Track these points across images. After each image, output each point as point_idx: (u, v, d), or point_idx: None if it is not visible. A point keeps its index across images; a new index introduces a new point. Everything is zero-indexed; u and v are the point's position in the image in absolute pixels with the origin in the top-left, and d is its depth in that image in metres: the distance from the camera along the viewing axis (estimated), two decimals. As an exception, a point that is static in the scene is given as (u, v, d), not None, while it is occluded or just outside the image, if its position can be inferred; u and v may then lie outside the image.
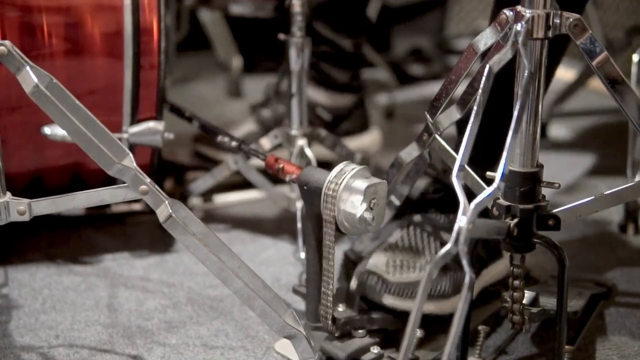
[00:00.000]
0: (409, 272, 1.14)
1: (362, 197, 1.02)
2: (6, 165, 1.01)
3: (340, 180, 1.03)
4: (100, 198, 1.00)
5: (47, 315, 1.20)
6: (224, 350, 1.13)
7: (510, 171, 0.97)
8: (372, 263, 1.16)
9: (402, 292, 1.12)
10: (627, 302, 1.25)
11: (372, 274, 1.14)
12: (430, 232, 1.20)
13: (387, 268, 1.15)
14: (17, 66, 0.94)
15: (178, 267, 1.35)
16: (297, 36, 1.39)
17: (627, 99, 0.96)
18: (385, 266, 1.15)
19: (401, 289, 1.12)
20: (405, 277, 1.13)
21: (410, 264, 1.16)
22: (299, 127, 1.42)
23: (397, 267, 1.15)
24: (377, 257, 1.17)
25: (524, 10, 0.93)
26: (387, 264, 1.15)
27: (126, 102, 1.28)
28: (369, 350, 1.08)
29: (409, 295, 1.12)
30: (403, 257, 1.17)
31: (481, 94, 0.92)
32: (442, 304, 1.14)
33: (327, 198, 1.03)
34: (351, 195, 1.02)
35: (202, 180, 1.52)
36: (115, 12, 1.26)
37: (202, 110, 1.48)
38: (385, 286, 1.13)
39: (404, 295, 1.12)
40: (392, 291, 1.12)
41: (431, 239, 1.20)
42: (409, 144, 1.12)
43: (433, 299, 1.13)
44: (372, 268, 1.15)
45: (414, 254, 1.17)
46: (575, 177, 1.76)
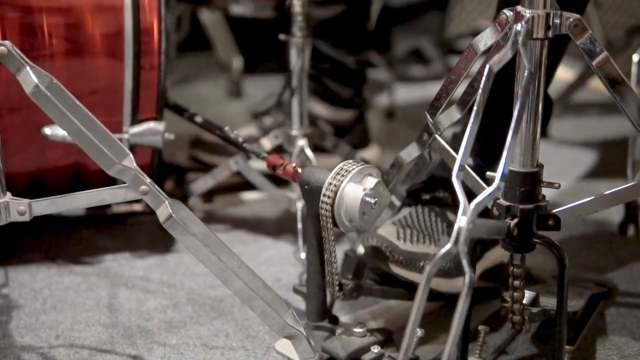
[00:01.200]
0: (418, 245, 1.14)
1: (363, 195, 1.02)
2: (6, 165, 1.01)
3: (340, 181, 1.03)
4: (100, 198, 1.00)
5: (47, 316, 1.20)
6: (224, 351, 1.13)
7: (511, 171, 0.97)
8: (381, 231, 1.16)
9: (410, 263, 1.12)
10: (627, 302, 1.25)
11: (381, 239, 1.14)
12: (438, 212, 1.20)
13: (396, 237, 1.14)
14: (17, 66, 0.94)
15: (178, 267, 1.35)
16: (298, 36, 1.39)
17: (627, 99, 0.96)
18: (396, 236, 1.15)
19: (409, 259, 1.12)
20: (414, 248, 1.13)
21: (419, 238, 1.15)
22: (300, 128, 1.43)
23: (407, 238, 1.15)
24: (386, 227, 1.17)
25: (524, 10, 0.93)
26: (396, 233, 1.15)
27: (126, 103, 1.28)
28: (369, 350, 1.08)
29: (415, 267, 1.12)
30: (412, 229, 1.17)
31: (481, 94, 0.92)
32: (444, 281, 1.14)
33: (329, 192, 1.03)
34: (352, 192, 1.02)
35: (202, 180, 1.52)
36: (116, 13, 1.26)
37: (202, 111, 1.48)
38: (393, 253, 1.12)
39: (411, 265, 1.12)
40: (401, 260, 1.12)
41: (439, 219, 1.20)
42: (409, 144, 1.12)
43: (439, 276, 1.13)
44: (382, 234, 1.15)
45: (423, 230, 1.17)
46: (576, 177, 1.76)
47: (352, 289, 1.08)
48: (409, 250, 1.13)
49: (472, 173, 1.02)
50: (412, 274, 1.12)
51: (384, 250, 1.13)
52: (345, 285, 1.07)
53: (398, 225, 1.18)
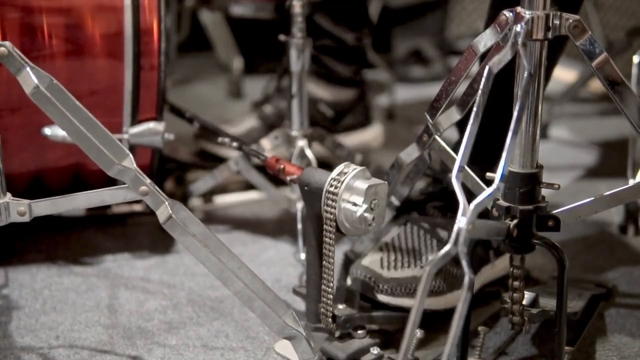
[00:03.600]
0: (403, 270, 1.15)
1: (362, 198, 1.02)
2: (7, 166, 1.01)
3: (341, 181, 1.03)
4: (100, 199, 1.00)
5: (47, 316, 1.20)
6: (224, 351, 1.13)
7: (510, 172, 0.97)
8: (367, 261, 1.17)
9: (395, 289, 1.13)
10: (627, 303, 1.25)
11: (366, 271, 1.15)
12: (427, 230, 1.21)
13: (380, 265, 1.15)
14: (17, 67, 0.94)
15: (178, 268, 1.35)
16: (298, 37, 1.39)
17: (626, 100, 0.96)
18: (380, 263, 1.15)
19: (394, 286, 1.13)
20: (399, 274, 1.14)
21: (404, 262, 1.16)
22: (300, 128, 1.42)
23: (391, 265, 1.15)
24: (372, 255, 1.18)
25: (523, 11, 0.93)
26: (380, 261, 1.16)
27: (126, 103, 1.28)
28: (369, 351, 1.08)
29: (402, 292, 1.13)
30: (397, 254, 1.17)
31: (481, 94, 0.92)
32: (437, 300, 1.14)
33: (328, 199, 1.03)
34: (352, 196, 1.03)
35: (202, 181, 1.52)
36: (116, 13, 1.26)
37: (202, 111, 1.48)
38: (378, 283, 1.13)
39: (397, 292, 1.13)
40: (385, 288, 1.13)
41: (427, 237, 1.20)
42: (409, 145, 1.12)
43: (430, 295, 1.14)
44: (367, 265, 1.16)
45: (409, 251, 1.18)
46: (575, 178, 1.76)
47: (345, 320, 1.08)
48: (393, 278, 1.14)
49: (472, 174, 1.02)
50: (400, 300, 1.13)
51: (369, 281, 1.14)
52: (339, 318, 1.08)
53: (384, 251, 1.18)
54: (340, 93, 1.69)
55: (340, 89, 1.70)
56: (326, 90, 1.68)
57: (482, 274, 1.21)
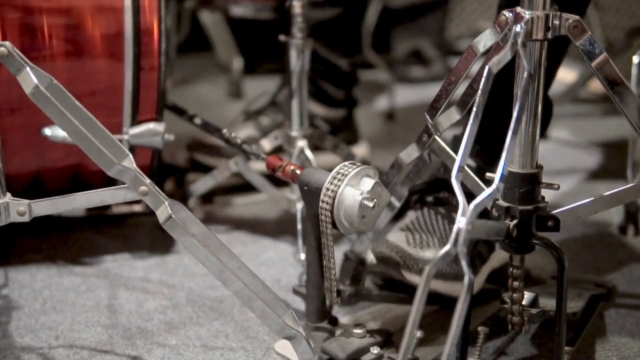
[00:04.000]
0: (430, 249, 1.14)
1: (361, 199, 1.02)
2: (7, 166, 1.01)
3: (341, 180, 1.03)
4: (100, 199, 1.00)
5: (47, 316, 1.20)
6: (224, 351, 1.13)
7: (510, 172, 0.97)
8: (391, 238, 1.15)
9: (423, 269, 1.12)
10: (626, 304, 1.25)
11: (393, 246, 1.13)
12: (444, 214, 1.20)
13: (407, 243, 1.14)
14: (17, 67, 0.94)
15: (178, 268, 1.35)
16: (298, 37, 1.40)
17: (626, 101, 0.96)
18: (406, 242, 1.15)
19: (422, 266, 1.12)
20: (425, 253, 1.13)
21: (429, 242, 1.15)
22: (299, 129, 1.43)
23: (417, 244, 1.14)
24: (396, 234, 1.17)
25: (523, 12, 0.93)
26: (407, 240, 1.15)
27: (126, 104, 1.28)
28: (368, 351, 1.08)
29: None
30: (422, 234, 1.16)
31: (480, 95, 0.92)
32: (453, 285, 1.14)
33: (327, 198, 1.03)
34: (350, 196, 1.03)
35: (202, 181, 1.52)
36: (116, 14, 1.26)
37: (202, 112, 1.48)
38: (406, 260, 1.12)
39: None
40: (414, 266, 1.12)
41: (445, 220, 1.20)
42: (409, 145, 1.12)
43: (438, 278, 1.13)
44: (392, 241, 1.14)
45: (433, 233, 1.17)
46: (575, 178, 1.76)
47: (350, 294, 1.07)
48: (421, 257, 1.13)
49: (472, 174, 1.02)
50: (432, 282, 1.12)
51: (395, 258, 1.13)
52: (344, 292, 1.07)
53: (407, 231, 1.17)
54: (330, 112, 1.72)
55: (330, 109, 1.72)
56: (318, 107, 1.70)
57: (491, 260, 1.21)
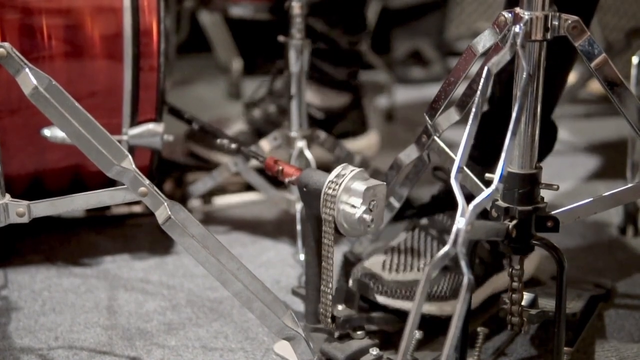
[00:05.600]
0: (405, 273, 1.15)
1: (361, 199, 1.02)
2: (6, 167, 1.01)
3: (340, 182, 1.03)
4: (99, 200, 1.00)
5: (46, 317, 1.20)
6: (223, 352, 1.13)
7: (509, 173, 0.97)
8: (369, 262, 1.17)
9: (395, 292, 1.13)
10: (626, 304, 1.25)
11: (367, 272, 1.15)
12: (435, 236, 1.20)
13: (382, 268, 1.15)
14: (16, 68, 0.94)
15: (178, 269, 1.35)
16: (297, 38, 1.40)
17: (626, 101, 0.96)
18: (382, 266, 1.15)
19: (394, 289, 1.13)
20: (401, 277, 1.14)
21: (408, 265, 1.16)
22: (299, 129, 1.43)
23: (394, 268, 1.15)
24: (376, 257, 1.18)
25: (522, 12, 0.93)
26: (383, 264, 1.16)
27: (126, 104, 1.28)
28: (368, 352, 1.08)
29: (402, 294, 1.12)
30: (402, 258, 1.17)
31: (479, 95, 0.92)
32: (441, 305, 1.14)
33: (326, 200, 1.03)
34: (350, 197, 1.03)
35: (201, 182, 1.52)
36: (115, 14, 1.26)
37: (202, 112, 1.48)
38: (378, 285, 1.13)
39: (397, 294, 1.12)
40: (385, 290, 1.13)
41: (434, 242, 1.19)
42: (408, 145, 1.12)
43: (431, 300, 1.14)
44: (368, 267, 1.16)
45: (414, 255, 1.18)
46: (575, 178, 1.76)
47: (344, 321, 1.08)
48: (394, 280, 1.14)
49: (471, 175, 1.02)
50: (399, 302, 1.12)
51: (368, 282, 1.14)
52: (338, 318, 1.08)
53: (389, 254, 1.18)
54: (332, 98, 1.67)
55: (333, 93, 1.67)
56: (318, 94, 1.66)
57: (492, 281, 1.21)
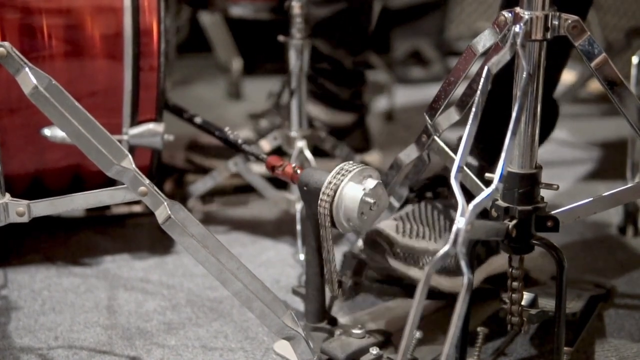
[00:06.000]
0: (418, 239, 1.14)
1: (362, 194, 1.02)
2: (6, 166, 1.01)
3: (340, 180, 1.03)
4: (99, 199, 1.00)
5: (46, 317, 1.20)
6: (223, 352, 1.13)
7: (509, 172, 0.97)
8: (381, 225, 1.15)
9: (408, 257, 1.12)
10: (626, 304, 1.25)
11: (381, 234, 1.13)
12: (441, 210, 1.20)
13: (396, 231, 1.14)
14: (16, 67, 0.94)
15: (177, 268, 1.35)
16: (297, 38, 1.40)
17: (625, 101, 0.96)
18: (395, 229, 1.15)
19: (408, 254, 1.12)
20: (414, 243, 1.13)
21: (419, 232, 1.15)
22: (299, 129, 1.43)
23: (407, 233, 1.14)
24: (387, 222, 1.16)
25: (522, 12, 0.93)
26: (396, 227, 1.15)
27: (126, 104, 1.28)
28: (368, 351, 1.08)
29: (414, 262, 1.12)
30: (412, 225, 1.16)
31: (480, 95, 0.92)
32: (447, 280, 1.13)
33: (328, 191, 1.03)
34: (352, 191, 1.02)
35: (201, 182, 1.52)
36: (115, 14, 1.26)
37: (202, 112, 1.48)
38: (392, 247, 1.12)
39: (409, 260, 1.12)
40: (398, 252, 1.12)
41: (441, 216, 1.19)
42: (408, 145, 1.12)
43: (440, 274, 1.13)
44: (381, 228, 1.14)
45: (424, 225, 1.17)
46: (574, 178, 1.76)
47: (351, 286, 1.07)
48: (408, 245, 1.13)
49: (471, 174, 1.02)
50: (411, 269, 1.12)
51: (382, 243, 1.13)
52: (345, 283, 1.07)
53: (399, 220, 1.17)
54: (337, 116, 1.67)
55: (337, 112, 1.67)
56: (323, 111, 1.66)
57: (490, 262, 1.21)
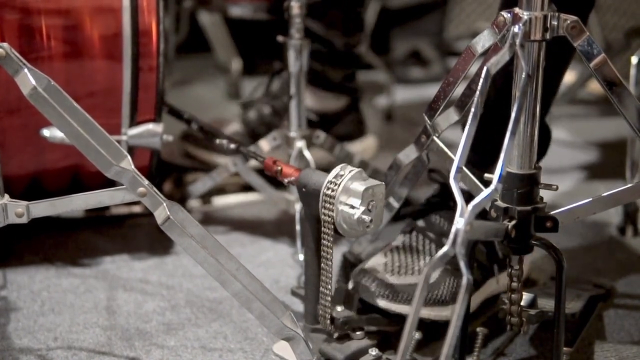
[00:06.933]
0: (407, 276, 1.14)
1: (360, 199, 1.02)
2: (5, 167, 1.01)
3: (339, 182, 1.03)
4: (98, 200, 1.00)
5: (45, 318, 1.20)
6: (223, 352, 1.13)
7: (508, 173, 0.97)
8: (370, 264, 1.16)
9: (397, 295, 1.12)
10: (625, 304, 1.25)
11: (368, 275, 1.14)
12: (433, 239, 1.20)
13: (384, 270, 1.14)
14: (15, 68, 0.94)
15: (177, 269, 1.35)
16: (296, 38, 1.39)
17: (625, 102, 0.96)
18: (383, 268, 1.15)
19: (396, 292, 1.12)
20: (402, 280, 1.13)
21: (408, 268, 1.15)
22: (298, 129, 1.42)
23: (395, 270, 1.15)
24: (376, 259, 1.17)
25: (521, 12, 0.93)
26: (385, 266, 1.15)
27: (125, 105, 1.28)
28: (367, 352, 1.08)
29: (403, 298, 1.12)
30: (402, 260, 1.16)
31: (479, 95, 0.92)
32: (439, 310, 1.13)
33: (325, 200, 1.03)
34: (349, 198, 1.02)
35: (201, 182, 1.52)
36: (114, 14, 1.26)
37: (201, 113, 1.48)
38: (380, 288, 1.12)
39: (398, 298, 1.12)
40: (386, 294, 1.12)
41: (432, 245, 1.19)
42: (407, 145, 1.12)
43: (431, 305, 1.13)
44: (369, 269, 1.15)
45: (414, 258, 1.17)
46: (574, 178, 1.76)
47: (343, 322, 1.08)
48: (395, 283, 1.13)
49: (470, 175, 1.02)
50: (400, 307, 1.12)
51: (369, 286, 1.13)
52: (337, 319, 1.08)
53: (389, 256, 1.18)
54: (329, 101, 1.66)
55: (329, 95, 1.66)
56: (313, 97, 1.65)
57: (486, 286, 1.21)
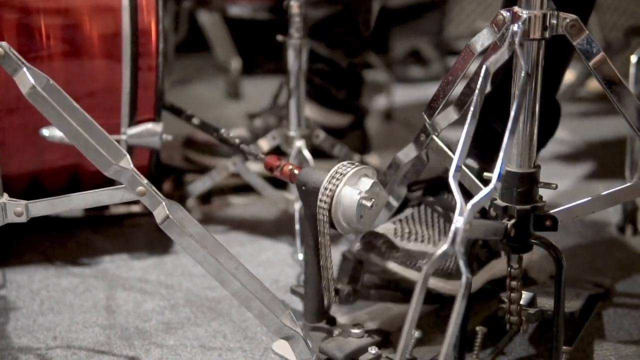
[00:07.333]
0: (416, 243, 1.14)
1: (359, 198, 1.02)
2: (4, 167, 1.01)
3: (339, 180, 1.03)
4: (97, 199, 1.00)
5: (45, 317, 1.20)
6: (222, 352, 1.13)
7: (508, 172, 0.97)
8: (380, 228, 1.15)
9: (406, 260, 1.12)
10: (625, 303, 1.25)
11: (379, 236, 1.13)
12: (441, 213, 1.20)
13: (394, 235, 1.14)
14: (14, 67, 0.94)
15: (176, 268, 1.35)
16: (295, 37, 1.39)
17: (624, 100, 0.96)
18: (393, 233, 1.14)
19: (406, 257, 1.12)
20: (412, 246, 1.13)
21: (418, 235, 1.15)
22: (297, 128, 1.42)
23: (405, 236, 1.14)
24: (385, 225, 1.17)
25: (520, 11, 0.93)
26: (394, 231, 1.15)
27: (124, 104, 1.28)
28: (366, 351, 1.08)
29: (412, 265, 1.12)
30: (411, 227, 1.16)
31: (478, 94, 0.92)
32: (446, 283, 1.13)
33: (325, 197, 1.03)
34: (349, 196, 1.02)
35: (200, 181, 1.52)
36: (113, 14, 1.26)
37: (200, 112, 1.48)
38: (391, 250, 1.12)
39: (407, 263, 1.12)
40: (397, 256, 1.12)
41: (441, 219, 1.19)
42: (407, 145, 1.12)
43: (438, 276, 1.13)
44: (379, 231, 1.14)
45: (423, 227, 1.17)
46: (573, 177, 1.76)
47: (348, 294, 1.07)
48: (406, 248, 1.13)
49: (469, 173, 1.02)
50: (408, 272, 1.12)
51: (380, 246, 1.13)
52: (342, 291, 1.07)
53: (397, 223, 1.17)
54: (333, 118, 1.66)
55: (333, 113, 1.66)
56: (318, 112, 1.65)
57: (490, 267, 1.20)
